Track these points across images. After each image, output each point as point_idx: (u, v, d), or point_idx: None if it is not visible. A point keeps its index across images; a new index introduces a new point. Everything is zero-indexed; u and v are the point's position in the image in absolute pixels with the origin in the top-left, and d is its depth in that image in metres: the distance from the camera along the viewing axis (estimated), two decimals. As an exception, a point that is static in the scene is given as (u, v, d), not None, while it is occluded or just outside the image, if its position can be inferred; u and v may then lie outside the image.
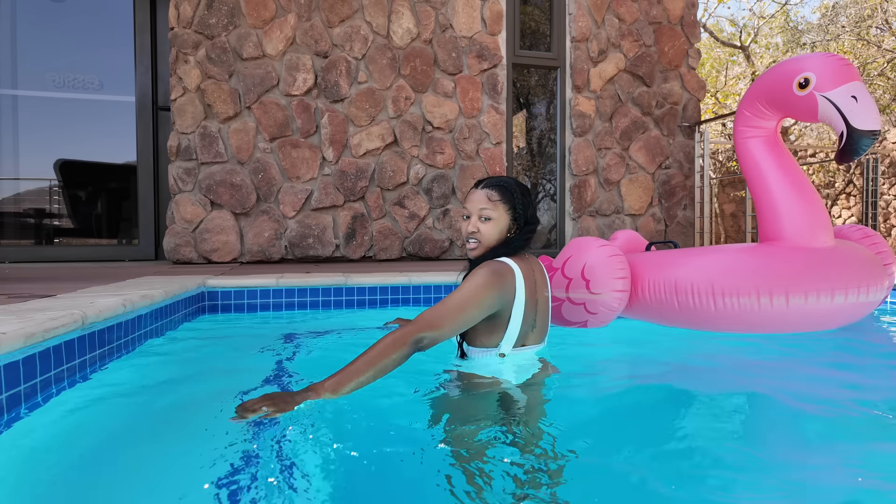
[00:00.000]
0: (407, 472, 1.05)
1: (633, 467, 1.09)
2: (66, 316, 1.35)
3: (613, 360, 2.03)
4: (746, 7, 15.59)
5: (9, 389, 1.13)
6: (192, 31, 3.91)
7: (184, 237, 3.93)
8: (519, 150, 5.06)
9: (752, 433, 1.37)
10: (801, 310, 1.95)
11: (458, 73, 4.40)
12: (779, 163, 2.16)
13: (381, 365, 1.26)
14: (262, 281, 2.68)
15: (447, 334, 1.37)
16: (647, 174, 4.94)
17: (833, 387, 1.65)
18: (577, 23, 4.70)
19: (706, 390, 1.62)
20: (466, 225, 1.55)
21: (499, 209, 1.52)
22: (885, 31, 9.40)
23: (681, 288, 2.04)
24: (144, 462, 1.09)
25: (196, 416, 1.34)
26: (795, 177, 2.15)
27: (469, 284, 1.42)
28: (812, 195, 2.14)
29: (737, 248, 2.16)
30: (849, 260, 2.04)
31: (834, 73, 1.96)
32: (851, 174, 8.27)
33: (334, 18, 4.13)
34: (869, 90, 8.77)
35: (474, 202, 1.54)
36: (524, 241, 1.56)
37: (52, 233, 4.69)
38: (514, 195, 1.54)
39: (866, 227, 2.33)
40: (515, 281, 1.48)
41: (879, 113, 1.94)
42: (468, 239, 1.56)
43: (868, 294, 2.01)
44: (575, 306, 2.14)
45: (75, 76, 4.44)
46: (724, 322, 2.03)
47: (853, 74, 1.95)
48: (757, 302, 1.94)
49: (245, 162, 4.01)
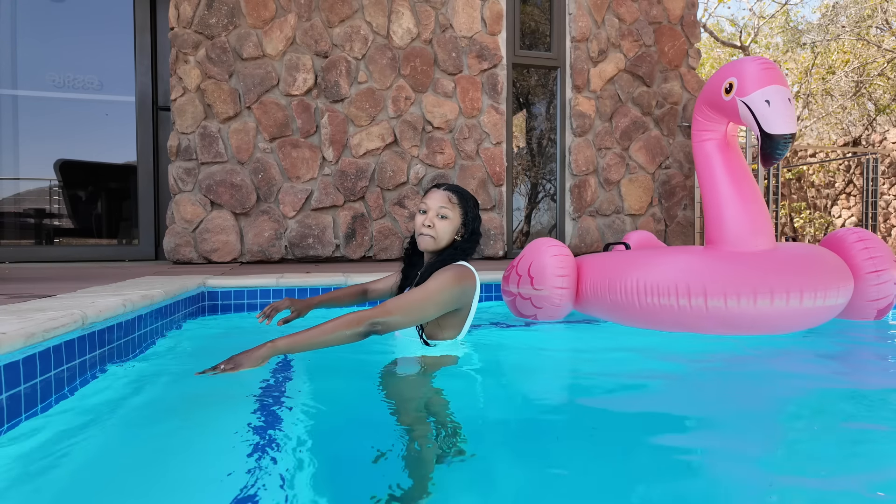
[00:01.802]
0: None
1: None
2: (66, 316, 1.35)
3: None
4: (746, 7, 15.60)
5: (9, 390, 1.13)
6: (192, 31, 3.91)
7: (184, 237, 3.94)
8: (519, 150, 5.06)
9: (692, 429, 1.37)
10: (721, 312, 1.99)
11: (458, 73, 4.40)
12: (725, 167, 2.17)
13: (334, 337, 1.42)
14: (262, 281, 2.68)
15: (403, 324, 1.53)
16: (647, 174, 4.94)
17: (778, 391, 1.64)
18: (577, 23, 4.70)
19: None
20: (423, 218, 1.70)
21: (455, 211, 1.70)
22: (885, 31, 9.39)
23: (613, 287, 2.19)
24: (144, 462, 1.09)
25: (196, 415, 1.35)
26: (735, 181, 2.15)
27: (434, 284, 1.58)
28: (747, 199, 2.13)
29: (670, 250, 2.32)
30: (783, 264, 2.02)
31: (752, 77, 1.99)
32: (851, 174, 8.27)
33: (334, 18, 4.13)
34: (868, 90, 8.66)
35: (435, 199, 1.70)
36: (473, 246, 1.75)
37: (52, 233, 4.69)
38: (468, 203, 1.74)
39: (864, 230, 2.32)
40: (476, 283, 1.68)
41: (795, 117, 1.93)
42: (421, 233, 1.70)
43: (807, 299, 1.96)
44: (524, 300, 2.39)
45: (75, 76, 4.44)
46: (649, 319, 2.14)
47: (772, 78, 1.95)
48: (676, 302, 2.03)
49: (245, 162, 4.01)
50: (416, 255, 1.81)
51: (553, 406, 1.52)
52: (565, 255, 2.34)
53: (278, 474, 0.99)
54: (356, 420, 1.33)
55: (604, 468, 1.10)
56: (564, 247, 2.40)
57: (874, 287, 2.23)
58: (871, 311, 2.29)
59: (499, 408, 1.46)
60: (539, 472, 1.06)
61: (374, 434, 1.21)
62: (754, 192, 2.18)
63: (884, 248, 2.28)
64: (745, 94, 2.00)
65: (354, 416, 1.35)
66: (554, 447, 1.18)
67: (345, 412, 1.39)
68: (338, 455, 1.12)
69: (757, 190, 2.21)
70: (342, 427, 1.29)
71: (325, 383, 1.59)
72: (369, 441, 1.14)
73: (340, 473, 1.04)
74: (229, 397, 1.44)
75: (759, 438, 1.27)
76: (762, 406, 1.51)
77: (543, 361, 1.98)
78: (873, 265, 2.22)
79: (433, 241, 1.70)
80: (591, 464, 1.11)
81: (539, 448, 1.17)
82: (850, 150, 7.69)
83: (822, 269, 2.05)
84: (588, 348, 2.21)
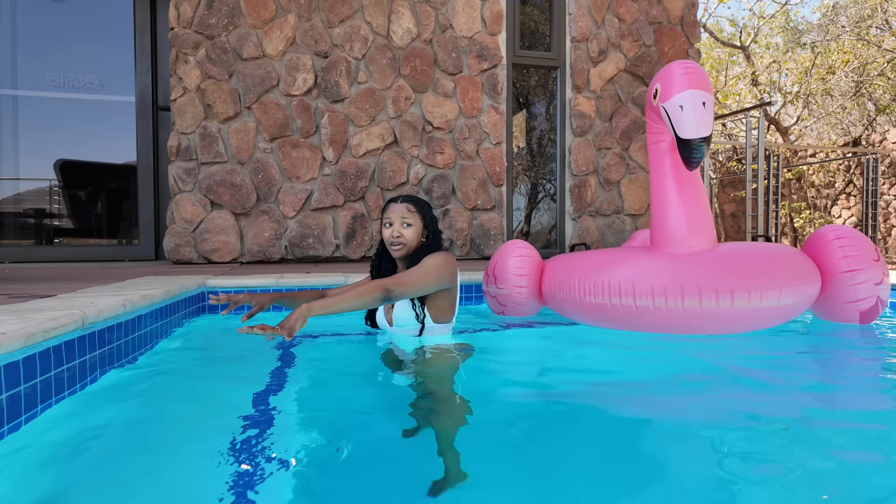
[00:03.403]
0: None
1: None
2: (66, 316, 1.35)
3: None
4: (746, 7, 15.60)
5: (9, 390, 1.13)
6: (192, 31, 3.91)
7: (184, 237, 3.93)
8: (519, 150, 5.06)
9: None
10: (650, 312, 2.03)
11: (458, 73, 4.40)
12: (672, 170, 2.17)
13: (359, 301, 1.63)
14: (262, 281, 2.68)
15: (410, 293, 1.78)
16: (647, 174, 4.93)
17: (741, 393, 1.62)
18: (577, 23, 4.70)
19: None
20: (391, 231, 1.90)
21: (415, 218, 1.91)
22: (885, 31, 9.39)
23: (560, 285, 2.31)
24: (144, 461, 1.09)
25: (196, 415, 1.35)
26: (678, 183, 2.15)
27: (430, 261, 1.82)
28: (686, 201, 2.12)
29: (615, 251, 2.41)
30: (716, 265, 2.01)
31: (671, 83, 2.02)
32: (851, 174, 8.27)
33: (334, 18, 4.13)
34: (868, 90, 8.64)
35: (396, 212, 1.91)
36: (439, 242, 1.96)
37: (52, 233, 4.69)
38: (424, 208, 1.95)
39: (848, 227, 2.22)
40: (456, 268, 1.92)
41: (707, 121, 1.91)
42: (393, 243, 1.90)
43: (739, 300, 1.93)
44: (491, 298, 2.56)
45: (75, 76, 4.44)
46: (592, 318, 2.24)
47: (688, 83, 1.96)
48: (609, 301, 2.10)
49: (245, 162, 4.01)
50: (385, 262, 2.02)
51: (533, 403, 1.52)
52: (526, 257, 2.46)
53: (275, 473, 0.99)
54: (369, 413, 1.33)
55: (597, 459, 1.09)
56: (529, 248, 2.52)
57: (851, 288, 2.13)
58: (853, 314, 2.18)
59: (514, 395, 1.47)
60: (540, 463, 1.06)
61: (391, 423, 1.21)
62: (695, 194, 2.16)
63: (864, 246, 2.17)
64: (665, 100, 2.03)
65: (363, 410, 1.35)
66: (544, 445, 1.18)
67: (354, 407, 1.40)
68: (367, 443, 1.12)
69: (699, 192, 2.18)
70: (362, 423, 1.29)
71: (328, 379, 1.60)
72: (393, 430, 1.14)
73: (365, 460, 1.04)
74: (229, 394, 1.44)
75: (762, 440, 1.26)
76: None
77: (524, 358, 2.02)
78: (848, 265, 2.13)
79: (404, 247, 1.90)
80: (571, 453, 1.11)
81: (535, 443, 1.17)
82: (850, 150, 7.69)
83: (762, 270, 2.01)
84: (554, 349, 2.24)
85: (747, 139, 4.68)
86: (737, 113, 5.08)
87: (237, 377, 1.67)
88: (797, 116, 10.53)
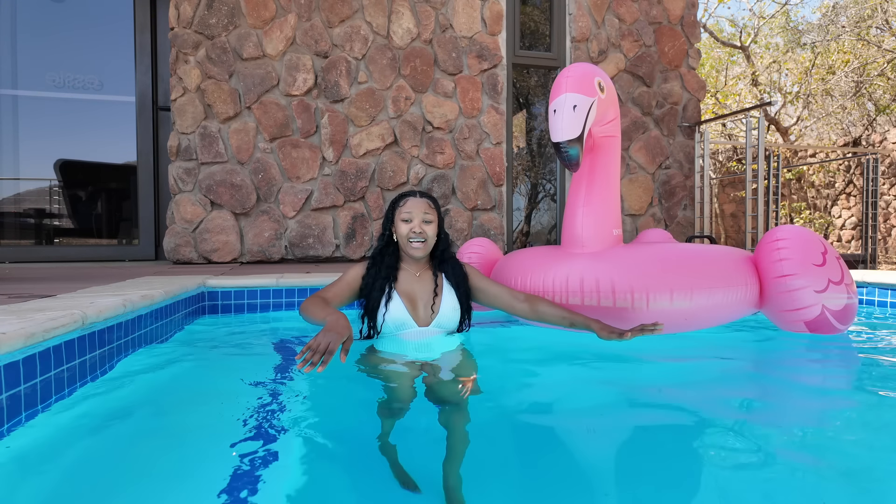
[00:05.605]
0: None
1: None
2: (66, 316, 1.35)
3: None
4: (746, 7, 15.59)
5: (9, 390, 1.13)
6: (192, 31, 3.91)
7: (184, 237, 3.93)
8: (519, 150, 5.06)
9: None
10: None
11: (458, 73, 4.40)
12: (586, 169, 2.12)
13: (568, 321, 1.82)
14: (263, 281, 2.68)
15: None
16: (647, 174, 4.94)
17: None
18: (577, 23, 4.70)
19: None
20: (411, 227, 1.80)
21: (435, 215, 1.85)
22: (885, 31, 9.40)
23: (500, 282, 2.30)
24: (143, 461, 1.09)
25: (196, 415, 1.35)
26: (588, 183, 2.12)
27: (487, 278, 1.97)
28: (589, 201, 2.08)
29: (530, 250, 2.38)
30: (598, 266, 1.96)
31: (555, 87, 1.99)
32: (851, 174, 8.27)
33: (334, 18, 4.13)
34: (868, 90, 8.65)
35: (417, 207, 1.82)
36: (449, 241, 1.93)
37: (52, 233, 4.69)
38: (439, 206, 1.90)
39: (799, 227, 2.07)
40: None
41: (577, 125, 1.88)
42: (412, 239, 1.81)
43: (621, 301, 1.88)
44: None
45: (75, 76, 4.44)
46: (518, 315, 2.23)
47: (562, 88, 1.93)
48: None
49: (245, 162, 4.01)
50: (389, 256, 1.87)
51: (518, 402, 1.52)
52: (478, 254, 2.52)
53: (284, 467, 0.99)
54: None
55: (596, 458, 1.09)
56: (485, 246, 2.54)
57: (786, 295, 1.95)
58: (796, 324, 1.99)
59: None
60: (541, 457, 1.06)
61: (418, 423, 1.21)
62: (597, 194, 2.10)
63: (808, 250, 1.97)
64: (551, 104, 2.00)
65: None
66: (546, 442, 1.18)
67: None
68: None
69: (606, 192, 2.12)
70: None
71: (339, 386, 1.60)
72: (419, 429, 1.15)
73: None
74: (229, 394, 1.44)
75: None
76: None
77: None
78: (779, 270, 1.95)
79: (425, 244, 1.82)
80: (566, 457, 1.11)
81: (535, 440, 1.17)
82: (850, 151, 7.69)
83: (653, 270, 1.92)
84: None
85: (747, 139, 4.68)
86: (737, 113, 5.07)
87: (237, 377, 1.67)
88: (797, 116, 10.53)
